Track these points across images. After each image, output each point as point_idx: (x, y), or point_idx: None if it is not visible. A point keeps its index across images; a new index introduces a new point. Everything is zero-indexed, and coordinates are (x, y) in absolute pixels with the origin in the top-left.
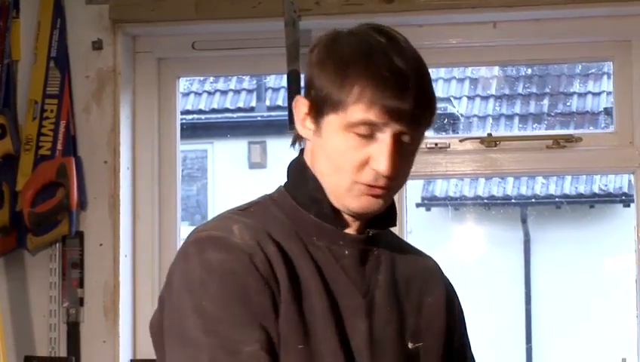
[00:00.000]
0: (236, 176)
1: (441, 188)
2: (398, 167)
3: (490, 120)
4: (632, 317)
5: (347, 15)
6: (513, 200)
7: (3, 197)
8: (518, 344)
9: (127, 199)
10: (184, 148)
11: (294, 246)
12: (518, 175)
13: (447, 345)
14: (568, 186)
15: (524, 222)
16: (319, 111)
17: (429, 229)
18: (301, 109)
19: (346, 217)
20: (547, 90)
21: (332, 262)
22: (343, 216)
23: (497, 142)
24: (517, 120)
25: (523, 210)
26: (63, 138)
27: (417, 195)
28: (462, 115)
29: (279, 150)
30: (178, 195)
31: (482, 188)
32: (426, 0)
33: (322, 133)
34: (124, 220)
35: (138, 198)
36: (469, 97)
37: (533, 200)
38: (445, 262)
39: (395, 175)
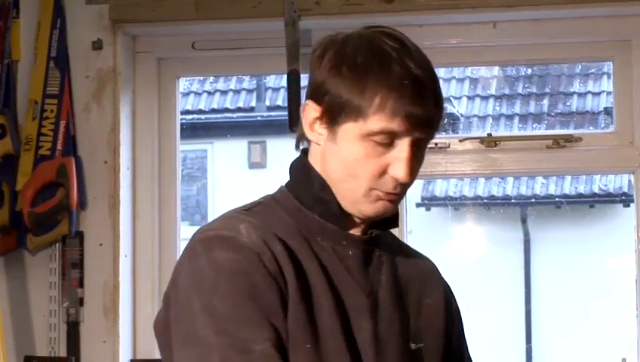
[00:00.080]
0: (236, 176)
1: (441, 188)
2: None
3: (490, 120)
4: (631, 317)
5: (347, 15)
6: (513, 200)
7: (3, 197)
8: (518, 344)
9: (127, 199)
10: (184, 148)
11: (300, 245)
12: (518, 175)
13: (445, 346)
14: (568, 186)
15: (524, 222)
16: (334, 118)
17: (429, 229)
18: (311, 114)
19: (354, 219)
20: (547, 90)
21: (336, 262)
22: (350, 217)
23: (497, 142)
24: (517, 120)
25: (523, 209)
26: (63, 138)
27: (417, 195)
28: (462, 114)
29: (279, 150)
30: (178, 195)
31: (482, 188)
32: (426, 0)
33: (338, 140)
34: (124, 220)
35: (138, 198)
36: (469, 97)
37: (533, 200)
38: (445, 262)
39: (412, 181)
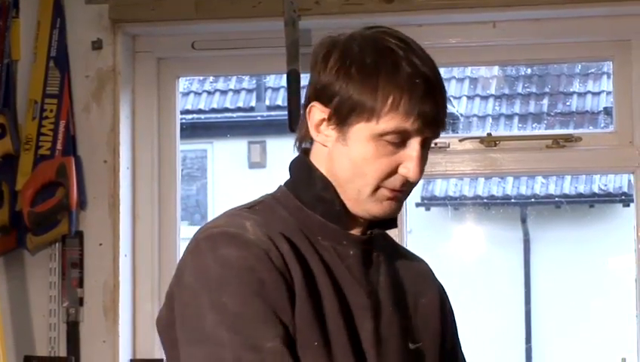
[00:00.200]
0: (236, 175)
1: (440, 187)
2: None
3: (489, 119)
4: (631, 316)
5: (347, 15)
6: (513, 200)
7: (3, 197)
8: (518, 344)
9: (126, 199)
10: (184, 147)
11: (303, 244)
12: (518, 175)
13: (441, 346)
14: (568, 186)
15: (524, 221)
16: (344, 119)
17: (429, 229)
18: (317, 115)
19: (355, 219)
20: (547, 89)
21: (338, 262)
22: (352, 217)
23: (497, 142)
24: (516, 120)
25: (523, 209)
26: (63, 138)
27: (417, 195)
28: (461, 114)
29: (279, 150)
30: (178, 195)
31: (482, 187)
32: (425, 0)
33: (348, 140)
34: (124, 220)
35: (138, 198)
36: (469, 97)
37: (533, 200)
38: (445, 261)
39: (419, 179)
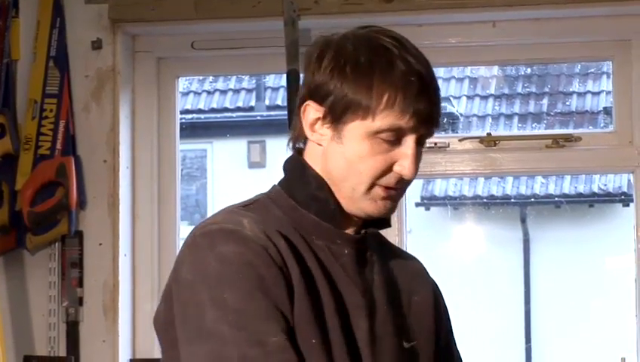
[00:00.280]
0: (235, 175)
1: (440, 187)
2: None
3: (489, 119)
4: (631, 316)
5: (346, 14)
6: (512, 200)
7: (2, 197)
8: (518, 343)
9: (126, 198)
10: (183, 147)
11: (299, 242)
12: (518, 174)
13: (435, 344)
14: (568, 186)
15: (524, 221)
16: (339, 117)
17: (429, 229)
18: (312, 115)
19: (349, 218)
20: (546, 89)
21: (332, 261)
22: (346, 216)
23: (497, 142)
24: (516, 119)
25: (522, 209)
26: (63, 137)
27: (417, 195)
28: (461, 114)
29: (279, 149)
30: (177, 195)
31: (481, 187)
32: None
33: (343, 139)
34: (124, 219)
35: (137, 198)
36: (469, 97)
37: (533, 200)
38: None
39: (414, 177)
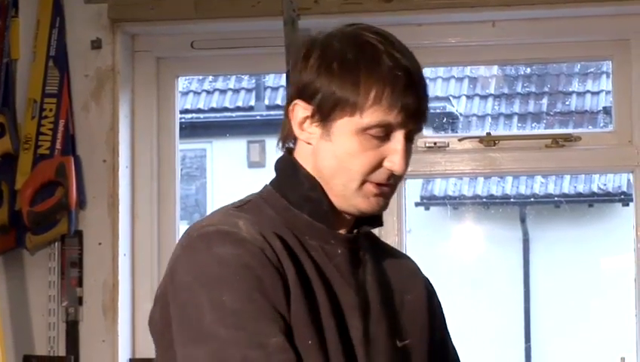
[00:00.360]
0: (235, 175)
1: (440, 187)
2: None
3: (489, 119)
4: (630, 316)
5: (346, 14)
6: (512, 200)
7: (2, 196)
8: (517, 343)
9: (126, 198)
10: (183, 147)
11: (294, 242)
12: (517, 174)
13: (429, 341)
14: (567, 185)
15: (523, 221)
16: (327, 115)
17: (428, 228)
18: (300, 113)
19: (342, 218)
20: (546, 89)
21: (326, 261)
22: (339, 216)
23: (496, 142)
24: (516, 119)
25: (522, 209)
26: (62, 137)
27: (416, 194)
28: (461, 114)
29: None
30: (177, 194)
31: (481, 187)
32: None
33: (332, 136)
34: (123, 219)
35: (137, 197)
36: (468, 96)
37: (532, 200)
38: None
39: (405, 173)
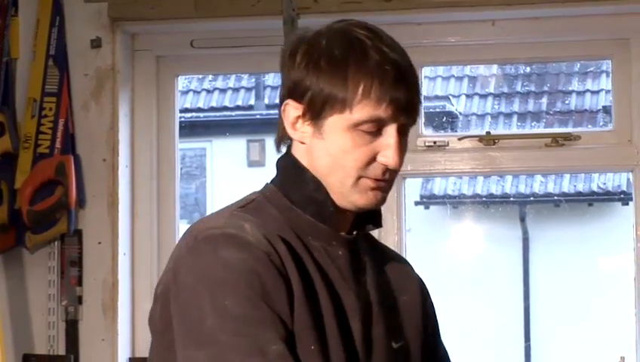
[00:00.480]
0: (235, 174)
1: (439, 186)
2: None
3: (488, 118)
4: (630, 315)
5: (346, 13)
6: (512, 199)
7: (2, 195)
8: (517, 342)
9: (125, 197)
10: (183, 146)
11: (297, 244)
12: (517, 173)
13: (423, 341)
14: (567, 184)
15: (523, 220)
16: (318, 113)
17: (428, 227)
18: (292, 113)
19: (344, 218)
20: (546, 88)
21: (329, 263)
22: (342, 217)
23: (496, 141)
24: (515, 118)
25: (521, 208)
26: (62, 136)
27: (416, 193)
28: (460, 113)
29: None
30: (177, 193)
31: (481, 186)
32: None
33: (324, 134)
34: (123, 218)
35: (137, 196)
36: (468, 95)
37: (532, 199)
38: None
39: (400, 167)
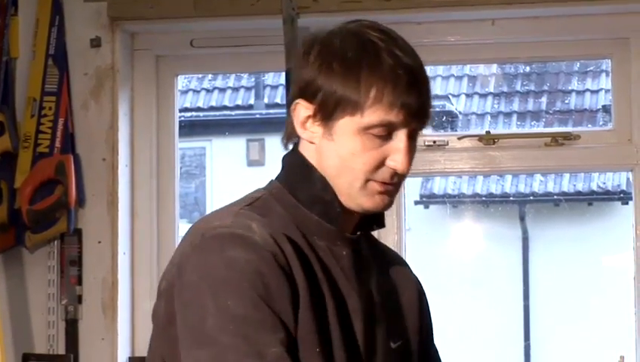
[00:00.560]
0: (234, 173)
1: (439, 185)
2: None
3: (488, 117)
4: (630, 314)
5: (345, 12)
6: (511, 198)
7: (1, 195)
8: (517, 341)
9: (125, 196)
10: (182, 145)
11: (303, 244)
12: (517, 172)
13: (420, 341)
14: (566, 184)
15: (523, 219)
16: (329, 114)
17: (428, 227)
18: (302, 112)
19: (350, 218)
20: (545, 87)
21: (334, 263)
22: (348, 217)
23: (496, 140)
24: (515, 117)
25: (521, 207)
26: (62, 135)
27: (416, 193)
28: (460, 112)
29: (278, 148)
30: (176, 193)
31: (480, 185)
32: None
33: (334, 136)
34: (123, 217)
35: (136, 196)
36: (468, 95)
37: (532, 198)
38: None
39: (408, 171)
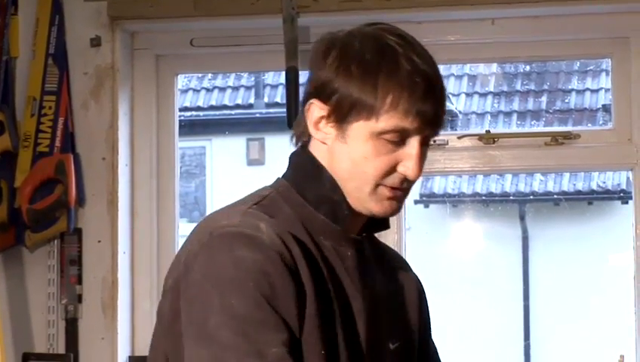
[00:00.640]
0: (234, 172)
1: (439, 184)
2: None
3: (488, 117)
4: (630, 313)
5: (345, 12)
6: (511, 197)
7: (1, 194)
8: (517, 341)
9: (125, 196)
10: (182, 145)
11: (310, 244)
12: (517, 172)
13: (419, 340)
14: (566, 183)
15: (523, 218)
16: (343, 117)
17: (428, 226)
18: (316, 113)
19: (357, 220)
20: (545, 86)
21: (339, 263)
22: (355, 219)
23: (495, 139)
24: (515, 117)
25: (521, 206)
26: (62, 135)
27: (415, 192)
28: (460, 111)
29: (278, 147)
30: (176, 192)
31: (480, 184)
32: None
33: (347, 138)
34: (123, 217)
35: (136, 195)
36: (468, 94)
37: (532, 197)
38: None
39: (419, 178)
